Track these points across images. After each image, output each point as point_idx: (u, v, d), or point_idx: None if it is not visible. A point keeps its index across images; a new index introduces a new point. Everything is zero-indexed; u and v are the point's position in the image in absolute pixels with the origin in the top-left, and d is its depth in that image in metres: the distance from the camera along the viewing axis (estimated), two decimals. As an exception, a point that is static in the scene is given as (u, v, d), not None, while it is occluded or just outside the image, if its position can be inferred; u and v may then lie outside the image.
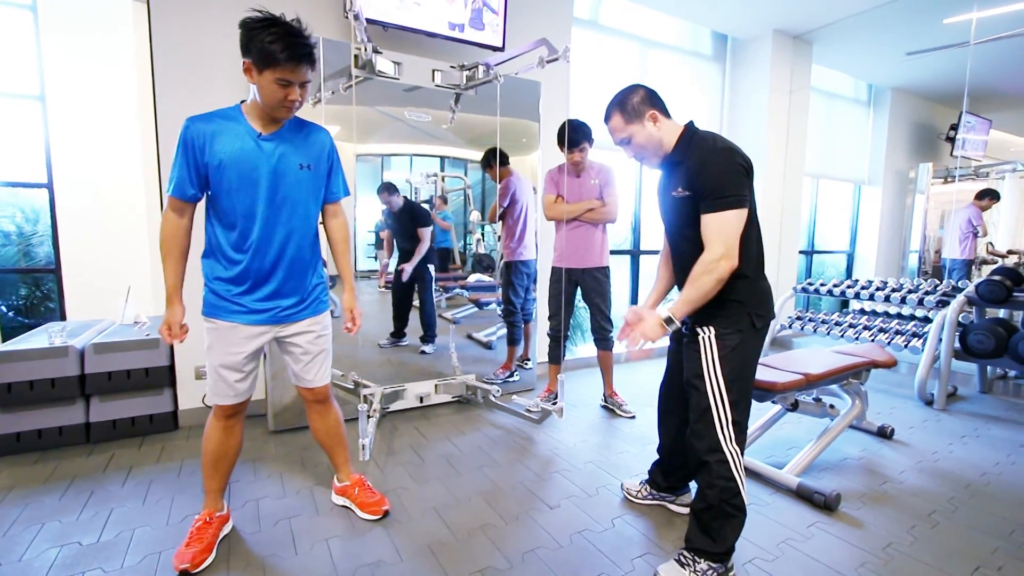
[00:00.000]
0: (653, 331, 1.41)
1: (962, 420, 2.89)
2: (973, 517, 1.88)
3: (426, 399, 2.84)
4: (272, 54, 1.34)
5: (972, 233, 4.92)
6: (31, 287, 4.01)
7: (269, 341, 1.62)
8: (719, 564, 1.47)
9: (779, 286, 4.76)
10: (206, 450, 1.60)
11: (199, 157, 1.43)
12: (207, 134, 1.42)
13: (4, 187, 3.71)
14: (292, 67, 1.37)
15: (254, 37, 1.35)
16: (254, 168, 1.46)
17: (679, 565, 1.48)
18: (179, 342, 1.53)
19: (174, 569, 1.47)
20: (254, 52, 1.35)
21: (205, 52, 2.43)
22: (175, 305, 1.51)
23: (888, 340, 3.44)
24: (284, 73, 1.37)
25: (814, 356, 2.44)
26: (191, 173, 1.44)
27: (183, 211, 1.48)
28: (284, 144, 1.50)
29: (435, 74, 2.76)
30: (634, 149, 1.53)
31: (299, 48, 1.36)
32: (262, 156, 1.47)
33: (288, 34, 1.35)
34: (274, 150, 1.48)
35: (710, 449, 1.44)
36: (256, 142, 1.46)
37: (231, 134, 1.44)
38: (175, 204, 1.47)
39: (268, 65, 1.36)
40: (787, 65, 4.54)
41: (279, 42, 1.33)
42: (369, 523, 1.76)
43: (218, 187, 1.46)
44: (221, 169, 1.43)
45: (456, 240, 3.29)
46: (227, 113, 1.47)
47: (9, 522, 1.71)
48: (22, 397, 2.19)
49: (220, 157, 1.43)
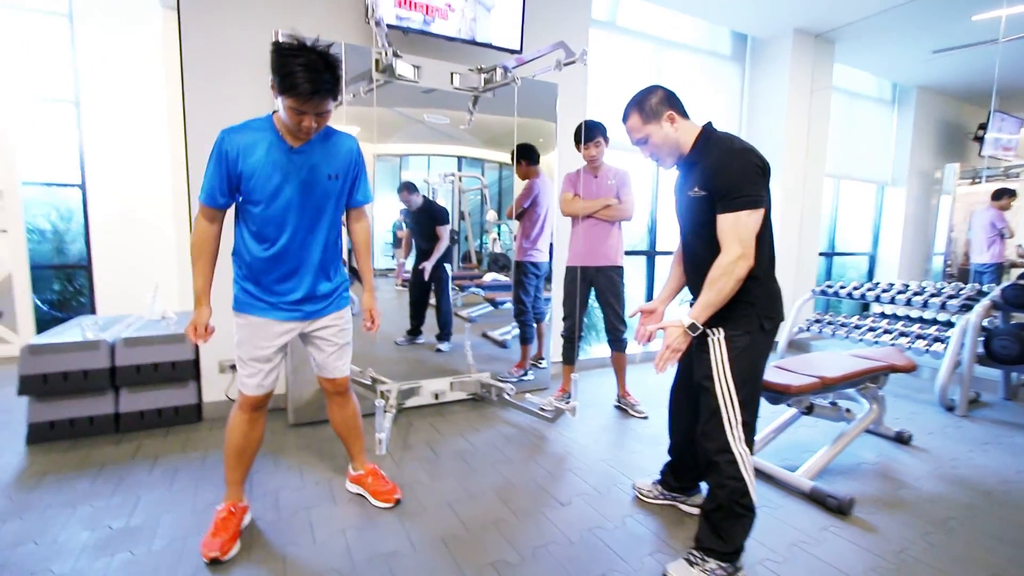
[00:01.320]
0: (679, 341, 1.42)
1: (984, 427, 2.83)
2: (991, 525, 1.85)
3: (441, 396, 2.88)
4: (289, 84, 1.34)
5: (998, 235, 4.79)
6: (64, 282, 4.18)
7: (295, 337, 1.68)
8: (728, 564, 1.48)
9: (798, 288, 4.70)
10: (230, 442, 1.67)
11: (231, 168, 1.48)
12: (241, 146, 1.47)
13: (41, 187, 3.88)
14: (305, 100, 1.37)
15: (279, 62, 1.35)
16: (285, 179, 1.51)
17: (688, 564, 1.50)
18: (203, 342, 1.60)
19: (203, 557, 1.53)
20: (277, 76, 1.37)
21: (233, 58, 2.51)
22: (203, 306, 1.57)
23: (909, 344, 3.38)
24: (299, 104, 1.38)
25: (831, 359, 2.41)
26: (222, 183, 1.49)
27: (214, 218, 1.54)
28: (314, 156, 1.55)
29: (453, 77, 2.81)
30: (650, 149, 1.54)
31: (318, 84, 1.35)
32: (292, 168, 1.51)
33: (310, 68, 1.34)
34: (304, 162, 1.53)
35: (720, 449, 1.45)
36: (287, 156, 1.51)
37: (264, 146, 1.48)
38: (207, 212, 1.53)
39: (284, 92, 1.37)
40: (808, 64, 4.48)
41: (300, 74, 1.33)
42: (384, 515, 1.80)
43: (249, 195, 1.51)
44: (254, 179, 1.48)
45: (472, 239, 3.33)
46: (260, 125, 1.51)
47: (45, 505, 1.80)
48: (56, 388, 2.29)
49: (253, 168, 1.47)
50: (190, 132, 2.47)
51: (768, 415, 2.72)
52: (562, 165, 3.26)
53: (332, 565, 1.53)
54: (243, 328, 1.61)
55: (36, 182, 3.80)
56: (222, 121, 2.49)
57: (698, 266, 1.52)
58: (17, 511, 1.76)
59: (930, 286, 3.62)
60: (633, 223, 3.08)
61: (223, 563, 1.53)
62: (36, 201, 3.92)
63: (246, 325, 1.60)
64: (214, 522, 1.62)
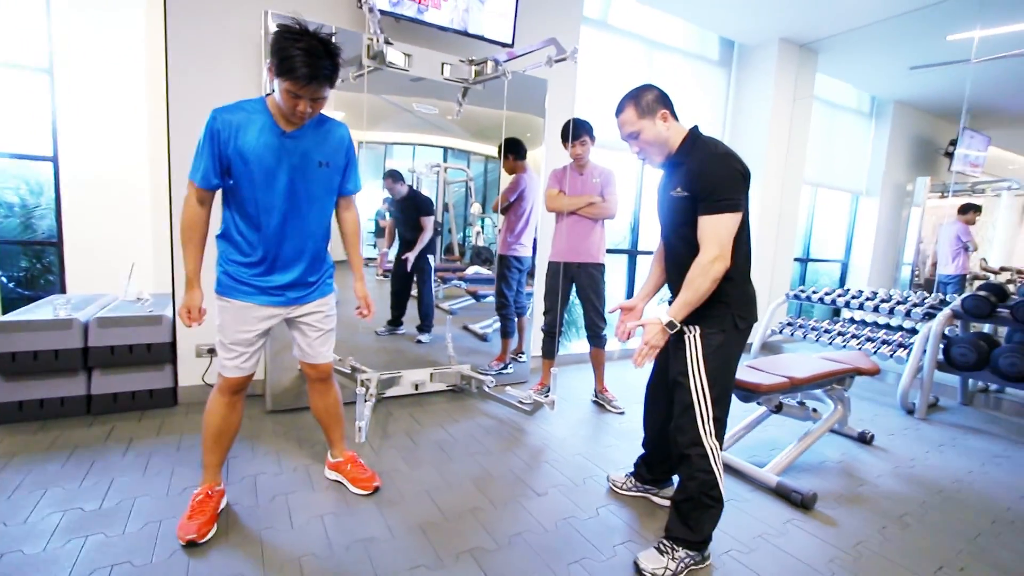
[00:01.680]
0: (657, 337, 1.48)
1: (941, 430, 2.98)
2: (942, 521, 1.96)
3: (421, 387, 2.89)
4: (289, 67, 1.35)
5: (963, 248, 5.00)
6: (32, 259, 4.03)
7: (279, 322, 1.68)
8: (696, 553, 1.55)
9: (772, 292, 4.84)
10: (208, 424, 1.66)
11: (224, 148, 1.46)
12: (233, 126, 1.45)
13: (9, 159, 3.73)
14: (303, 84, 1.37)
15: (279, 45, 1.36)
16: (277, 163, 1.50)
17: (659, 553, 1.56)
18: (198, 325, 1.58)
19: (179, 540, 1.52)
20: (276, 58, 1.37)
21: (219, 36, 2.46)
22: (195, 289, 1.56)
23: (875, 349, 3.52)
24: (296, 87, 1.38)
25: (800, 361, 2.51)
26: (215, 163, 1.47)
27: (204, 199, 1.53)
28: (306, 141, 1.55)
29: (444, 67, 2.80)
30: (640, 144, 1.57)
31: (317, 69, 1.36)
32: (284, 153, 1.51)
33: (310, 52, 1.35)
34: (296, 147, 1.53)
35: (691, 443, 1.51)
36: (280, 139, 1.50)
37: (256, 128, 1.47)
38: (198, 192, 1.50)
39: (282, 75, 1.37)
40: (792, 73, 4.59)
41: (299, 58, 1.34)
42: (362, 502, 1.82)
43: (240, 178, 1.49)
44: (245, 162, 1.47)
45: (456, 231, 3.33)
46: (253, 106, 1.49)
47: (13, 487, 1.76)
48: (26, 367, 2.23)
49: (244, 150, 1.46)
50: (172, 107, 2.42)
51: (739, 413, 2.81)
52: (549, 161, 3.28)
53: (310, 550, 1.54)
54: (226, 311, 1.60)
55: (3, 153, 3.65)
56: (206, 97, 2.46)
57: (678, 264, 1.57)
58: (-17, 491, 1.72)
59: (897, 294, 3.77)
60: (616, 222, 3.13)
61: (200, 545, 1.52)
62: (3, 173, 3.77)
63: (229, 308, 1.59)
64: (191, 505, 1.62)
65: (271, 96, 1.49)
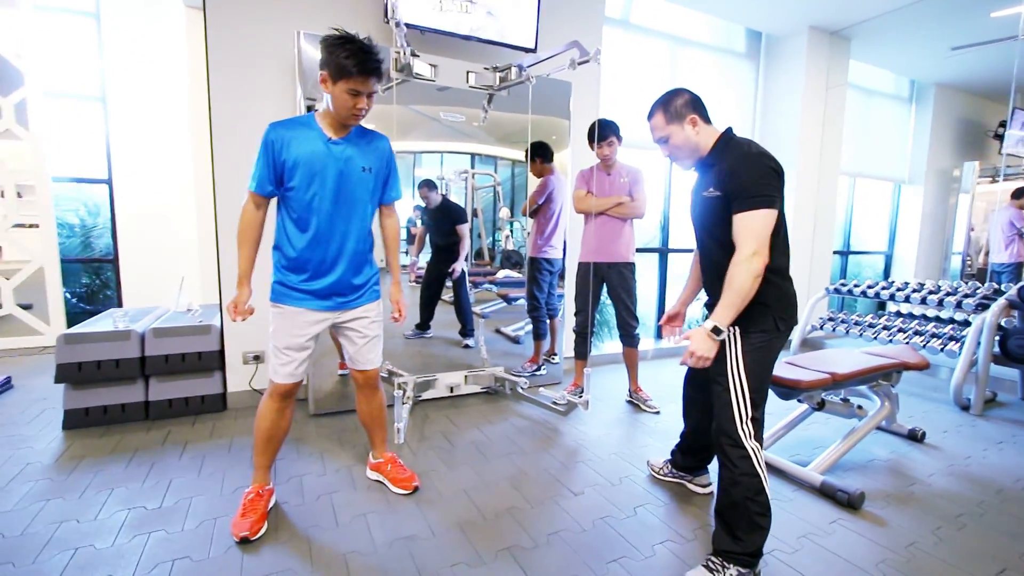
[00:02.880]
0: (707, 348, 1.42)
1: (999, 426, 2.83)
2: (1002, 522, 1.86)
3: (456, 389, 2.95)
4: (346, 67, 1.51)
5: (1017, 235, 4.73)
6: (92, 276, 4.32)
7: (328, 327, 1.78)
8: (747, 570, 1.46)
9: (812, 287, 4.69)
10: (259, 429, 1.74)
11: (277, 157, 1.61)
12: (285, 138, 1.61)
13: (69, 183, 4.01)
14: (363, 79, 1.54)
15: (332, 52, 1.52)
16: (324, 168, 1.63)
17: (707, 571, 1.48)
18: (242, 320, 1.69)
19: (234, 537, 1.61)
20: (331, 65, 1.53)
21: (257, 56, 2.58)
22: (244, 287, 1.68)
23: (923, 343, 3.37)
24: (355, 84, 1.53)
25: (843, 356, 2.43)
26: (270, 172, 1.62)
27: (260, 205, 1.67)
28: (350, 148, 1.67)
29: (469, 75, 2.86)
30: (669, 148, 1.59)
31: (370, 63, 1.53)
32: (331, 158, 1.64)
33: (361, 51, 1.52)
34: (341, 153, 1.65)
35: (733, 445, 1.47)
36: (326, 145, 1.64)
37: (305, 138, 1.62)
38: (255, 199, 1.66)
39: (342, 76, 1.53)
40: (823, 62, 4.46)
41: (353, 57, 1.51)
42: (403, 501, 1.87)
43: (291, 184, 1.63)
44: (295, 168, 1.61)
45: (485, 236, 3.38)
46: (303, 120, 1.66)
47: (83, 487, 1.89)
48: (90, 376, 2.39)
49: (295, 157, 1.60)
50: (215, 128, 2.55)
51: (779, 411, 2.75)
52: (575, 162, 3.29)
53: (355, 547, 1.60)
54: (279, 317, 1.70)
55: (65, 178, 3.93)
56: (247, 117, 2.59)
57: (713, 266, 1.56)
58: (58, 491, 1.86)
59: (946, 285, 3.60)
60: (646, 221, 3.11)
61: (252, 542, 1.60)
62: (65, 196, 4.06)
63: (281, 314, 1.69)
64: (243, 504, 1.70)
65: (318, 112, 1.67)
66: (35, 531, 1.62)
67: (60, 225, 3.95)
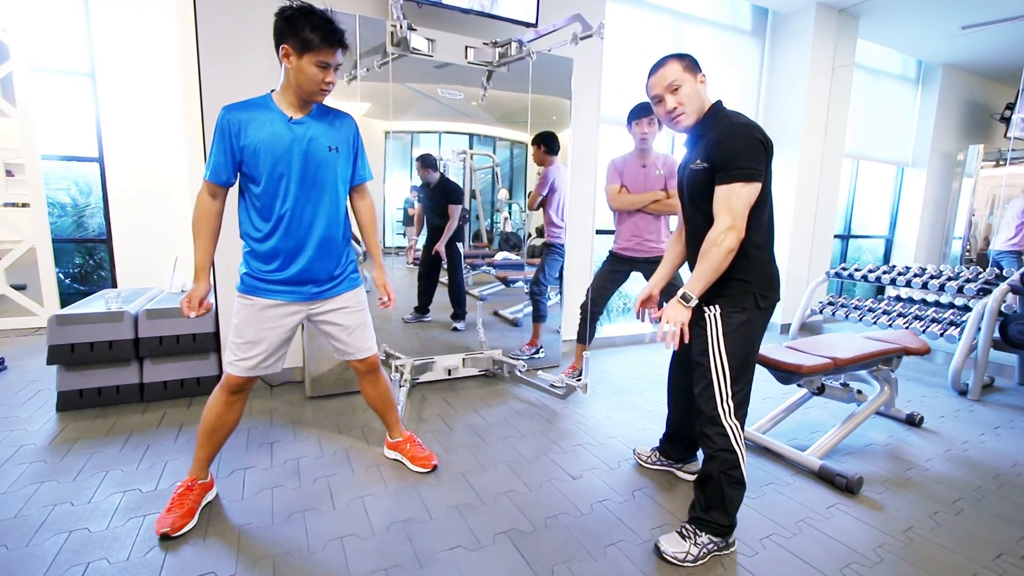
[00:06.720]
0: (678, 314, 1.44)
1: (997, 411, 2.83)
2: (1000, 506, 1.87)
3: (454, 372, 2.93)
4: (312, 40, 1.44)
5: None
6: (85, 256, 4.26)
7: (303, 320, 1.71)
8: (720, 539, 1.52)
9: (812, 270, 4.66)
10: (204, 419, 1.65)
11: (234, 143, 1.51)
12: (241, 121, 1.50)
13: (59, 161, 3.92)
14: (331, 50, 1.47)
15: (294, 24, 1.44)
16: (287, 150, 1.53)
17: (680, 537, 1.53)
18: (196, 316, 1.61)
19: (155, 533, 1.52)
20: (295, 38, 1.44)
21: (248, 34, 2.50)
22: (201, 281, 1.61)
23: (923, 328, 3.36)
24: (324, 56, 1.47)
25: (843, 341, 2.41)
26: (226, 159, 1.52)
27: (216, 194, 1.57)
28: (313, 127, 1.57)
29: (468, 51, 2.77)
30: (681, 98, 1.49)
31: (336, 34, 1.48)
32: (293, 139, 1.54)
33: (325, 21, 1.46)
34: (304, 133, 1.56)
35: (711, 422, 1.49)
36: (288, 126, 1.54)
37: (264, 120, 1.52)
38: (210, 188, 1.55)
39: (308, 49, 1.45)
40: (830, 40, 4.35)
41: (319, 29, 1.45)
42: (400, 484, 1.86)
43: (252, 170, 1.53)
44: (255, 154, 1.51)
45: (483, 218, 3.33)
46: (259, 102, 1.55)
47: (77, 469, 1.88)
48: (84, 357, 2.36)
49: (254, 142, 1.50)
50: (206, 106, 2.47)
51: (778, 395, 2.74)
52: (575, 142, 3.22)
53: (352, 530, 1.59)
54: (245, 308, 1.62)
55: (55, 156, 3.84)
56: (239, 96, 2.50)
57: (698, 239, 1.52)
58: (52, 474, 1.84)
59: (947, 270, 3.57)
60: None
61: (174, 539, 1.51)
62: (55, 175, 3.97)
63: (249, 306, 1.61)
64: (172, 497, 1.62)
65: (275, 91, 1.56)
66: (29, 514, 1.61)
67: (51, 204, 3.88)
